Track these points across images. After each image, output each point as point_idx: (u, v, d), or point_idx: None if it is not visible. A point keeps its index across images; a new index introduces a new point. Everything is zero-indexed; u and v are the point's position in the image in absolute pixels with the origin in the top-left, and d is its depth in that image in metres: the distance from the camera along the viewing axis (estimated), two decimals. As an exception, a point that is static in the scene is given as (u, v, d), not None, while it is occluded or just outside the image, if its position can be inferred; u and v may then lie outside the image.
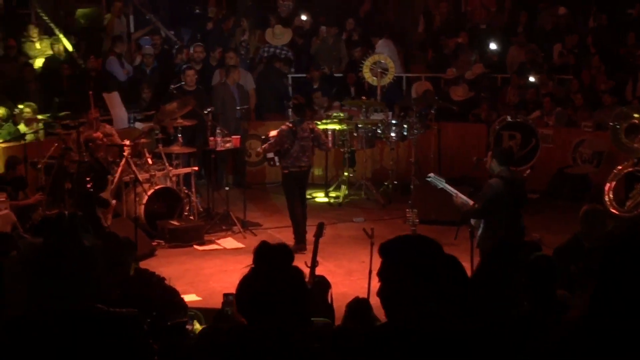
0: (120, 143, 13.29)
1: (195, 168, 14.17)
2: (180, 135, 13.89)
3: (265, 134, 13.73)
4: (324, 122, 15.49)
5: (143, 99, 16.49)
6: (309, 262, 9.10)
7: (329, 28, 18.70)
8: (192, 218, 13.62)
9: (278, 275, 4.01)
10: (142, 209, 13.03)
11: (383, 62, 16.93)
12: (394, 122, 15.60)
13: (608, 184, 13.51)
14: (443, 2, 19.45)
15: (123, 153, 13.02)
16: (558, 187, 15.33)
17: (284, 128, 12.70)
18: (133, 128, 15.79)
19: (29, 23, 17.45)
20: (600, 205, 10.71)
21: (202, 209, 14.21)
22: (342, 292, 9.90)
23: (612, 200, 13.33)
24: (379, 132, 15.58)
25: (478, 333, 3.80)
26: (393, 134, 15.50)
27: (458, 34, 18.43)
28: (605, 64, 16.64)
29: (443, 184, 10.12)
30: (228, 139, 13.95)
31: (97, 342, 4.02)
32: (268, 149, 12.97)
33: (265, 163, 14.58)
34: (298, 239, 12.59)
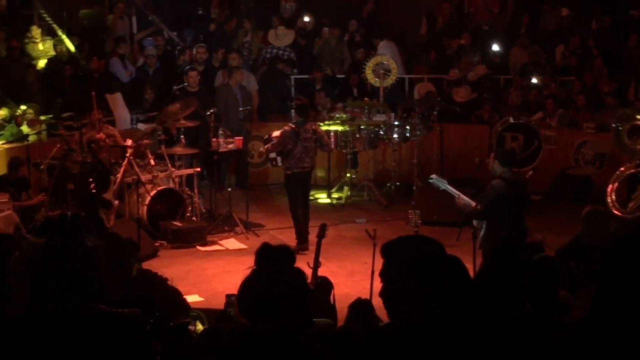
0: (123, 144, 13.31)
1: (198, 169, 14.18)
2: (183, 137, 13.89)
3: (268, 134, 13.74)
4: (327, 123, 15.49)
5: (146, 100, 16.48)
6: (312, 262, 9.09)
7: (332, 29, 18.69)
8: (194, 219, 13.61)
9: (280, 277, 4.00)
10: (144, 210, 13.03)
11: (386, 63, 16.91)
12: (397, 123, 15.60)
13: (610, 186, 13.49)
14: (446, 3, 19.44)
15: (125, 154, 13.04)
16: (560, 188, 15.31)
17: (287, 129, 12.71)
18: (136, 129, 15.79)
19: (32, 24, 17.45)
20: (603, 207, 10.72)
21: (204, 210, 14.20)
22: (344, 292, 9.89)
23: (614, 202, 13.31)
24: (382, 133, 15.58)
25: (481, 334, 3.80)
26: (395, 135, 15.51)
27: (461, 35, 18.40)
28: (608, 66, 16.63)
29: (445, 186, 10.11)
30: (231, 140, 13.95)
31: (99, 342, 4.02)
32: (270, 149, 12.98)
33: (268, 164, 14.57)
34: (300, 239, 12.60)
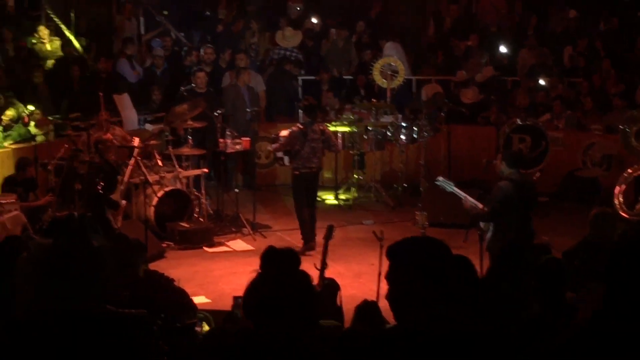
0: (130, 145, 13.31)
1: (205, 170, 14.16)
2: (190, 137, 13.89)
3: (275, 134, 13.75)
4: (334, 124, 15.48)
5: (153, 101, 16.49)
6: (318, 264, 9.10)
7: (339, 30, 18.68)
8: (201, 220, 13.61)
9: (285, 280, 4.00)
10: (151, 211, 13.04)
11: (393, 64, 16.90)
12: (404, 124, 15.59)
13: (618, 187, 13.49)
14: (453, 4, 19.42)
15: (133, 154, 13.05)
16: (568, 190, 15.29)
17: (295, 129, 12.71)
18: (143, 130, 15.78)
19: (40, 24, 17.49)
20: (610, 209, 10.71)
21: (211, 211, 14.18)
22: (351, 294, 9.88)
23: (622, 204, 13.30)
24: (389, 134, 15.57)
25: (487, 335, 3.79)
26: (403, 137, 15.50)
27: (468, 37, 18.39)
28: (616, 67, 16.60)
29: (452, 188, 10.10)
30: (238, 141, 13.96)
31: (106, 342, 4.02)
32: (278, 148, 13.00)
33: (276, 164, 14.58)
34: (306, 239, 12.60)
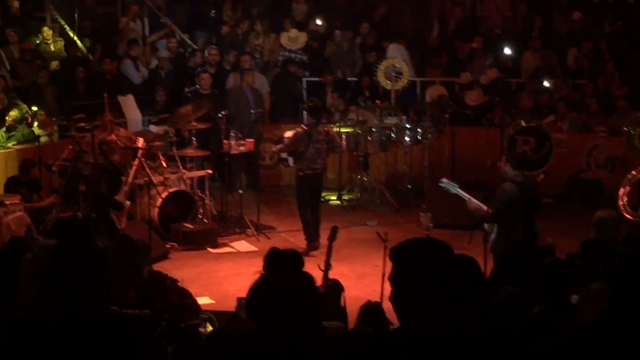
0: (134, 146, 13.31)
1: (209, 171, 14.18)
2: (195, 139, 13.91)
3: (280, 135, 13.77)
4: (338, 125, 15.48)
5: (158, 102, 16.49)
6: (322, 265, 9.10)
7: (344, 32, 18.67)
8: (205, 221, 13.62)
9: (288, 281, 3.99)
10: (156, 212, 13.05)
11: (397, 66, 16.90)
12: (408, 126, 15.58)
13: (622, 189, 13.47)
14: (458, 6, 19.41)
15: (137, 155, 13.06)
16: (572, 191, 15.27)
17: (299, 130, 12.73)
18: (147, 131, 15.80)
19: (44, 25, 17.51)
20: (614, 210, 10.69)
21: (215, 212, 14.19)
22: (354, 295, 9.87)
23: (626, 205, 13.29)
24: (393, 136, 15.56)
25: (491, 336, 3.78)
26: (407, 138, 15.49)
27: (473, 39, 18.38)
28: (620, 69, 16.58)
29: (456, 189, 10.09)
30: (242, 142, 13.98)
31: (109, 343, 4.02)
32: (282, 149, 13.03)
33: (280, 165, 14.58)
34: (310, 239, 12.60)
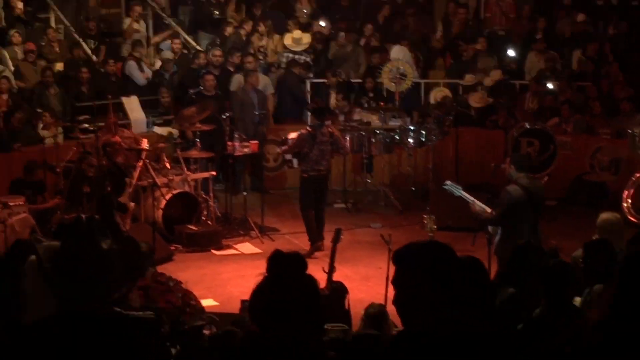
0: (139, 148, 13.33)
1: (213, 173, 14.18)
2: (199, 140, 13.92)
3: (284, 136, 13.77)
4: (342, 126, 15.46)
5: (162, 104, 16.51)
6: (326, 267, 9.11)
7: (348, 34, 18.67)
8: (209, 223, 13.63)
9: (291, 284, 3.99)
10: (160, 214, 13.06)
11: (401, 68, 16.90)
12: (412, 128, 15.58)
13: (626, 191, 13.46)
14: (461, 8, 19.40)
15: (141, 157, 13.08)
16: (576, 194, 15.27)
17: (304, 132, 12.74)
18: (152, 132, 15.81)
19: (49, 27, 17.53)
20: (618, 212, 10.69)
21: (219, 214, 14.19)
22: (358, 298, 9.88)
23: (630, 208, 13.27)
24: (397, 138, 15.55)
25: (495, 338, 3.78)
26: (411, 140, 15.49)
27: (476, 40, 18.37)
28: (624, 71, 16.57)
29: (460, 192, 10.07)
30: (246, 144, 13.99)
31: (113, 344, 4.03)
32: (286, 151, 13.05)
33: (285, 166, 14.59)
34: (313, 240, 12.60)
